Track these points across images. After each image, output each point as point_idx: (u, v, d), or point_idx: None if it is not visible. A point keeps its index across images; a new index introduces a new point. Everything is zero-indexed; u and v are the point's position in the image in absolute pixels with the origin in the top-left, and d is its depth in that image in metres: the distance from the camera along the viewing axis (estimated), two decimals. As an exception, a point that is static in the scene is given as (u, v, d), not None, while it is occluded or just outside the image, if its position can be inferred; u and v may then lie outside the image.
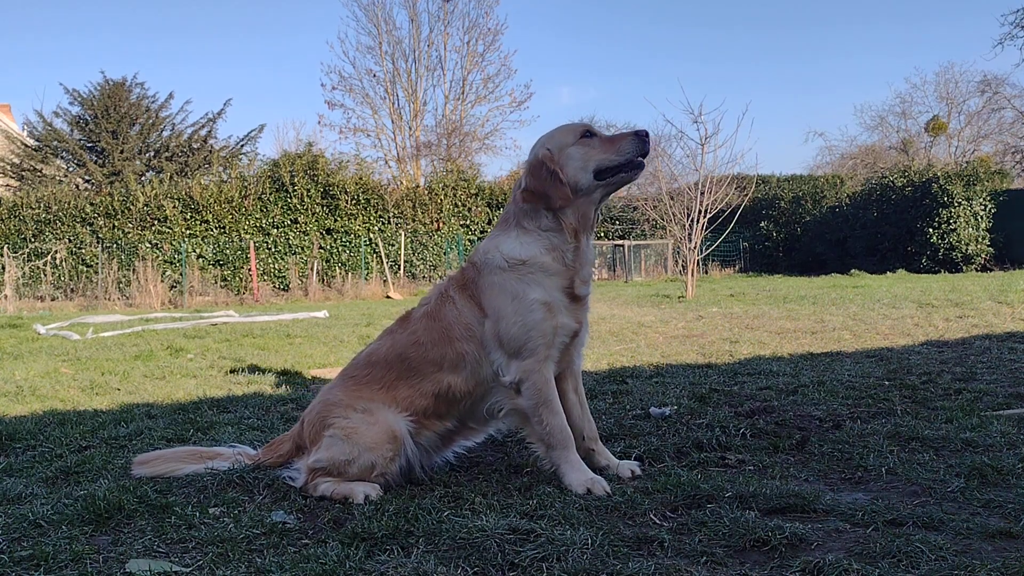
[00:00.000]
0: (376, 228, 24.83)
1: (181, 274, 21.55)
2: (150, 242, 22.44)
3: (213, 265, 22.73)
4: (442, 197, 26.26)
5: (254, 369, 6.39)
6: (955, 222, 21.56)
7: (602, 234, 28.84)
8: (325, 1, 65.69)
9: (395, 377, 2.85)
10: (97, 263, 21.79)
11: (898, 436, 3.28)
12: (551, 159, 2.82)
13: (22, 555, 2.15)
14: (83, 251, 22.28)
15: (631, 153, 2.80)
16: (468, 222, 26.80)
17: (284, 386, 5.50)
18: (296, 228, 24.00)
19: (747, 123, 65.75)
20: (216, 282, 22.13)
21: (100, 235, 22.49)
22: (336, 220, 24.44)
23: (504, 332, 2.76)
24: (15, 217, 22.40)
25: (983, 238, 21.67)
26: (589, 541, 2.13)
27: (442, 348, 2.82)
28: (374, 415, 2.77)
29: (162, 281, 20.46)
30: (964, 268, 21.34)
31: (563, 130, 2.90)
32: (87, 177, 26.63)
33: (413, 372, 2.84)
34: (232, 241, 23.08)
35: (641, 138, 2.82)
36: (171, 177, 25.77)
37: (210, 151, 28.00)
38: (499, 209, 27.30)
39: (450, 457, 3.09)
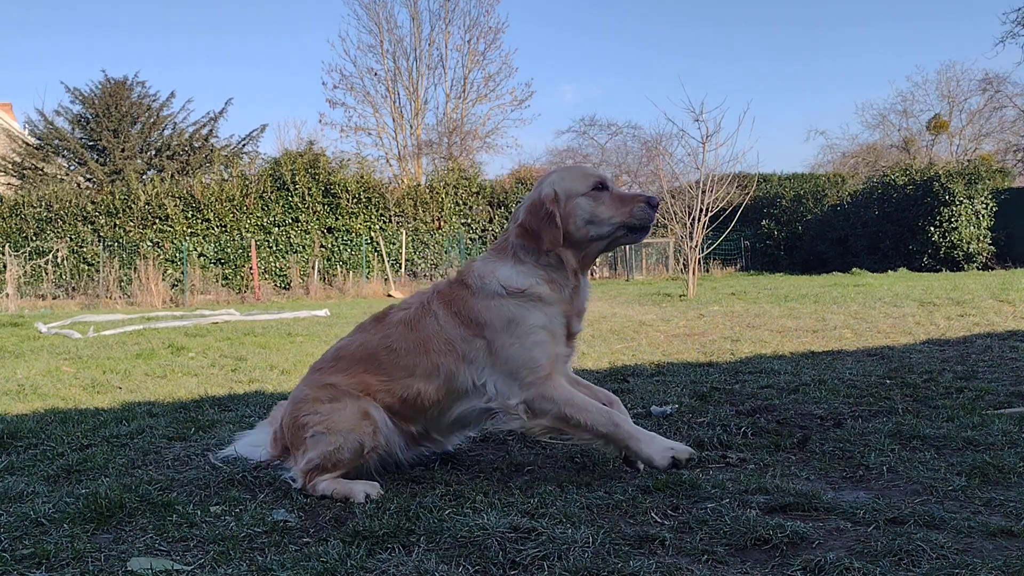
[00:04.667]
0: (377, 227, 24.83)
1: (182, 273, 21.58)
2: (151, 241, 22.45)
3: (214, 264, 22.75)
4: (443, 196, 26.25)
5: (255, 367, 6.40)
6: (956, 221, 21.54)
7: (603, 233, 28.82)
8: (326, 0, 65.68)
9: (362, 371, 2.86)
10: (98, 262, 21.81)
11: (899, 435, 3.28)
12: (552, 200, 2.78)
13: (24, 553, 2.15)
14: (84, 250, 22.30)
15: (640, 219, 2.77)
16: (469, 221, 26.79)
17: (285, 384, 5.50)
18: (297, 227, 24.01)
19: (748, 121, 65.20)
20: (217, 281, 22.15)
21: (101, 234, 22.51)
22: (337, 219, 24.45)
23: (502, 354, 2.73)
24: (16, 216, 22.42)
25: (984, 236, 21.65)
26: (590, 539, 2.13)
27: (416, 357, 2.81)
28: (341, 401, 2.78)
29: (163, 280, 20.48)
30: (965, 267, 21.33)
31: (575, 174, 2.86)
32: (88, 176, 26.65)
33: (382, 372, 2.84)
34: (233, 240, 23.09)
35: (652, 206, 2.79)
36: (172, 176, 25.78)
37: (211, 150, 28.01)
38: (501, 208, 27.31)
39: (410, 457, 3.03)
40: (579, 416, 2.66)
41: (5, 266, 20.22)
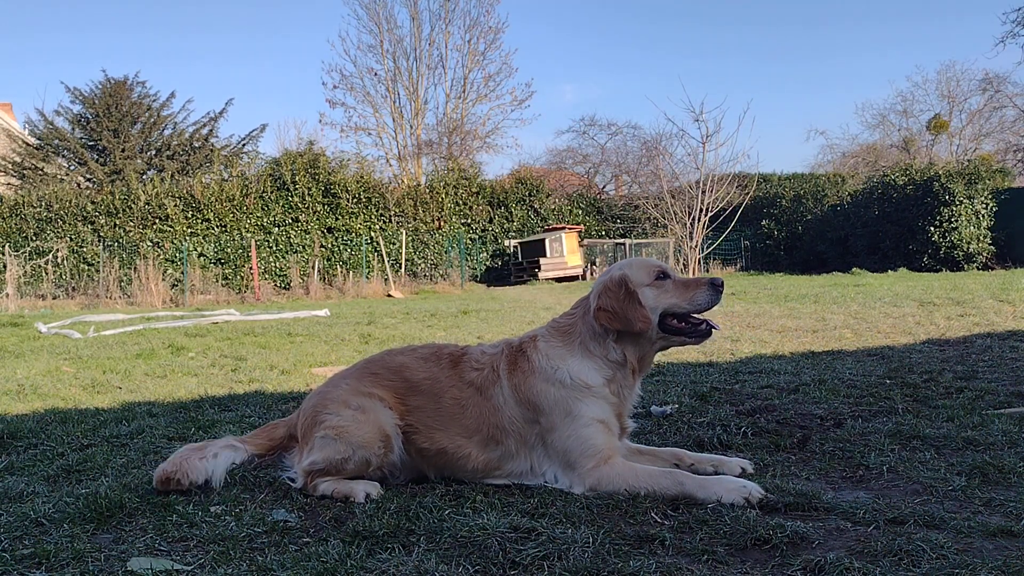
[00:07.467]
0: (377, 227, 24.84)
1: (182, 273, 21.58)
2: (151, 241, 22.46)
3: (214, 264, 22.76)
4: (443, 196, 26.25)
5: (255, 367, 6.40)
6: (956, 221, 21.53)
7: (603, 232, 28.84)
8: (326, -1, 65.70)
9: (416, 405, 2.82)
10: (98, 262, 21.81)
11: (899, 435, 3.28)
12: (631, 281, 2.77)
13: (24, 553, 2.15)
14: (84, 250, 22.31)
15: (702, 304, 2.74)
16: (469, 220, 26.79)
17: (285, 385, 5.50)
18: (297, 227, 24.01)
19: (748, 121, 65.27)
20: (217, 281, 22.15)
21: (101, 234, 22.52)
22: (337, 219, 24.45)
23: (559, 444, 2.71)
24: (17, 216, 22.43)
25: (984, 236, 21.63)
26: (590, 539, 2.13)
27: (481, 425, 2.78)
28: (366, 413, 2.75)
29: (163, 280, 20.48)
30: (965, 267, 21.31)
31: (638, 265, 2.85)
32: (88, 176, 26.66)
33: (436, 417, 2.81)
34: (233, 240, 23.09)
35: (716, 288, 2.74)
36: (172, 176, 25.80)
37: (211, 150, 28.04)
38: (501, 208, 27.31)
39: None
40: (644, 486, 2.59)
41: (5, 266, 20.23)
